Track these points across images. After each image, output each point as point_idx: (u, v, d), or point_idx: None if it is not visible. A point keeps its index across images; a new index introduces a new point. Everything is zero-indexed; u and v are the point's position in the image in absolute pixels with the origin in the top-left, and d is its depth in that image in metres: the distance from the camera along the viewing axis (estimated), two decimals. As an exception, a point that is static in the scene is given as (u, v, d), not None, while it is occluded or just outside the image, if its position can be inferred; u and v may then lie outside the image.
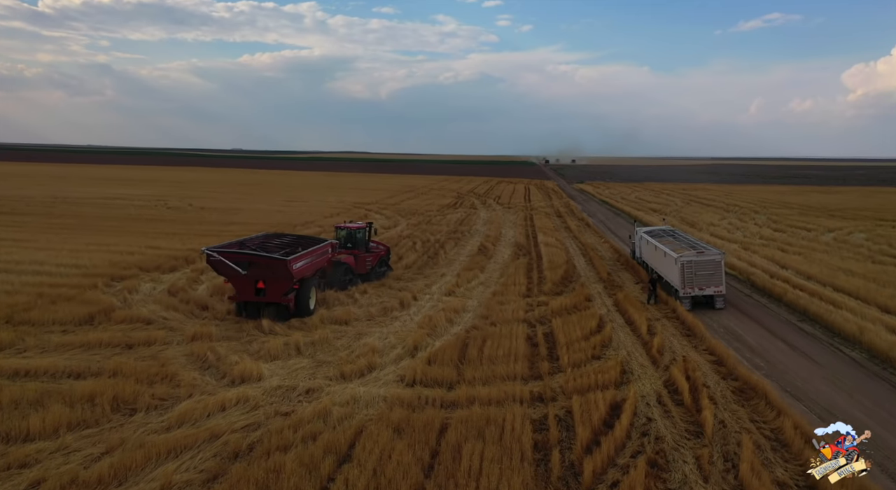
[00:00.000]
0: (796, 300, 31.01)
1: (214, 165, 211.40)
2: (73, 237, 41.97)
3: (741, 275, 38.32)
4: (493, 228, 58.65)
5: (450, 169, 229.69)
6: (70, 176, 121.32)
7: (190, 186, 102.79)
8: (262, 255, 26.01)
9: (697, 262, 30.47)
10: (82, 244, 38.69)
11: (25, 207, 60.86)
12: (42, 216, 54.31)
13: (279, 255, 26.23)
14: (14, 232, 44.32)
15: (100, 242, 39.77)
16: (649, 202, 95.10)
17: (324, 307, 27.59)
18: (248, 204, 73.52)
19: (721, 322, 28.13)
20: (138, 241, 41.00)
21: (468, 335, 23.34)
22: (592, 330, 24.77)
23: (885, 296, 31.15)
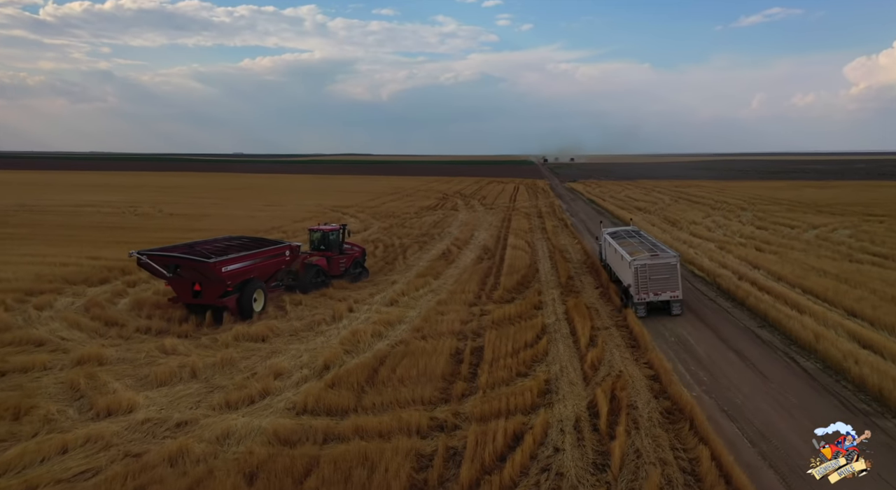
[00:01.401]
0: (757, 304, 29.23)
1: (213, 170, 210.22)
2: (13, 248, 40.44)
3: (709, 276, 36.55)
4: (466, 231, 56.95)
5: (445, 170, 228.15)
6: (55, 183, 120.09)
7: (171, 192, 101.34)
8: (187, 258, 26.07)
9: (652, 265, 28.72)
10: (17, 255, 37.15)
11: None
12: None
13: (202, 258, 25.95)
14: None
15: (38, 253, 38.21)
16: (637, 200, 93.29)
17: (270, 316, 25.97)
18: (223, 210, 72.00)
19: (675, 330, 26.37)
20: (82, 250, 39.44)
21: (390, 352, 21.64)
22: (528, 342, 23.06)
23: (853, 298, 29.39)
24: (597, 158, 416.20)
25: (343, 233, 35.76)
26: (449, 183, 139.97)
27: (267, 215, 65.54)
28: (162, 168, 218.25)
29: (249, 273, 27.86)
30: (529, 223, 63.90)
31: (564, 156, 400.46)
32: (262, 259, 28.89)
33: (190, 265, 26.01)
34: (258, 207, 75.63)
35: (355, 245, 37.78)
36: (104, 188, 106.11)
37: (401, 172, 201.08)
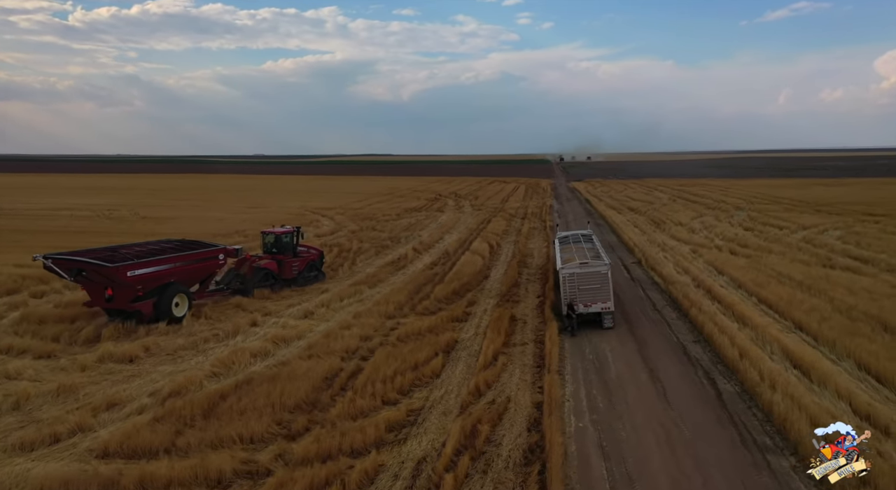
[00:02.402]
0: (698, 316, 26.87)
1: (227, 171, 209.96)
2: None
3: (665, 283, 34.09)
4: (437, 234, 54.91)
5: (456, 170, 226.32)
6: (52, 186, 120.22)
7: (161, 194, 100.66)
8: (89, 262, 25.87)
9: (581, 274, 26.50)
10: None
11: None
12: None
13: (105, 262, 25.79)
14: None
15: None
16: (633, 200, 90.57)
17: (159, 332, 24.27)
18: (200, 212, 70.71)
19: (598, 346, 24.13)
20: (14, 257, 38.20)
21: (258, 375, 19.70)
22: (419, 363, 21.02)
23: (805, 308, 26.99)
24: (614, 157, 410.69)
25: (297, 236, 35.27)
26: (451, 183, 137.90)
27: (241, 218, 64.11)
28: (177, 170, 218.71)
29: (168, 277, 27.57)
30: (508, 225, 61.69)
31: (581, 154, 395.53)
32: (185, 263, 28.73)
33: (93, 269, 25.81)
34: (239, 209, 74.33)
35: (312, 248, 37.11)
36: (96, 191, 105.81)
37: (412, 172, 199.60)
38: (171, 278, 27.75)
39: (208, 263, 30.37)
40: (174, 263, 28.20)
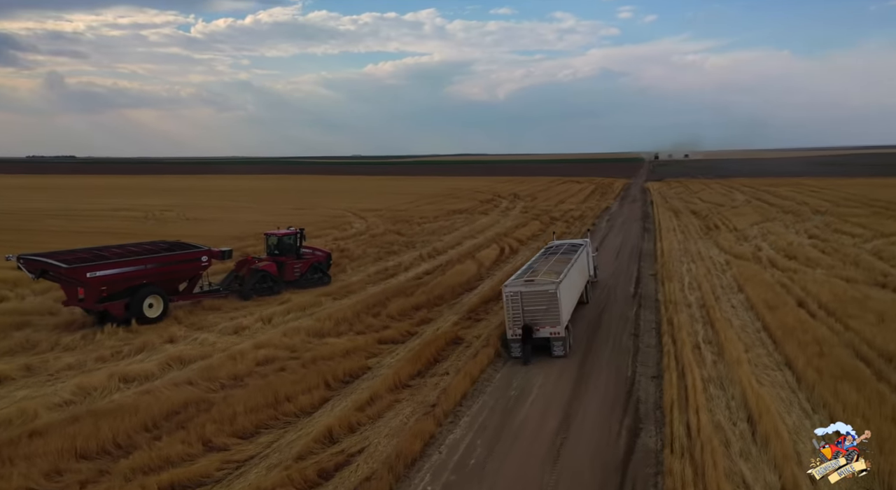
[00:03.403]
0: (669, 346, 22.81)
1: (320, 173, 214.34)
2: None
3: (665, 302, 29.72)
4: (458, 238, 52.04)
5: (536, 169, 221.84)
6: (134, 187, 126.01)
7: (224, 195, 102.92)
8: (49, 263, 26.15)
9: (526, 293, 23.04)
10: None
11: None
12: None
13: (62, 263, 26.01)
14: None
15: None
16: (703, 202, 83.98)
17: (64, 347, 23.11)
18: (244, 214, 70.81)
19: (528, 380, 20.73)
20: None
21: (101, 408, 17.72)
22: (292, 396, 18.46)
23: (806, 339, 22.55)
24: (715, 154, 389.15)
25: (299, 238, 35.06)
26: (520, 183, 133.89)
27: (277, 220, 63.13)
28: (274, 171, 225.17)
29: (139, 279, 27.50)
30: (541, 229, 57.80)
31: (679, 152, 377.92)
32: (159, 265, 28.62)
33: (54, 270, 26.14)
34: (284, 211, 73.97)
35: (318, 250, 36.88)
36: (170, 191, 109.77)
37: (496, 172, 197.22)
38: (143, 280, 27.57)
39: (188, 265, 30.17)
40: (145, 265, 28.11)
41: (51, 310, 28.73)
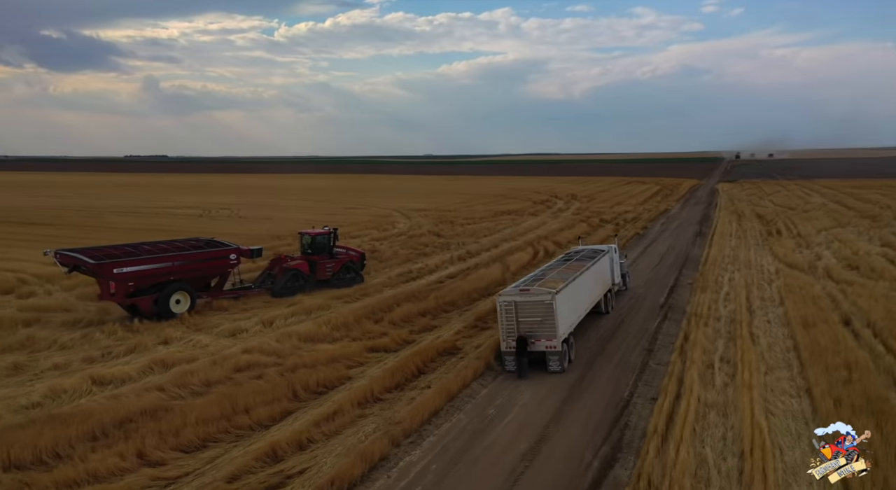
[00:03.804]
0: (676, 364, 20.80)
1: (387, 172, 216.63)
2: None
3: (690, 314, 27.44)
4: (496, 241, 50.49)
5: (604, 169, 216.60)
6: (206, 185, 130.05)
7: (283, 193, 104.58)
8: (80, 258, 27.04)
9: (521, 303, 21.57)
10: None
11: (32, 216, 64.02)
12: (33, 226, 56.41)
13: (91, 259, 26.81)
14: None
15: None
16: (773, 205, 79.27)
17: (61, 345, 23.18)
18: (296, 213, 71.12)
19: (512, 398, 19.34)
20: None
21: (64, 412, 17.42)
22: (251, 407, 17.67)
23: (836, 362, 20.37)
24: (803, 154, 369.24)
25: (333, 237, 35.16)
26: (583, 183, 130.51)
27: (326, 219, 63.15)
28: (346, 170, 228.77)
29: (165, 275, 28.12)
30: (588, 232, 55.49)
31: (762, 151, 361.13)
32: (186, 262, 29.11)
33: (84, 265, 27.01)
34: (336, 210, 74.42)
35: (351, 249, 36.84)
36: (231, 190, 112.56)
37: (564, 172, 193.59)
38: (170, 276, 28.24)
39: (216, 263, 30.70)
40: (172, 262, 28.66)
41: (67, 306, 29.16)
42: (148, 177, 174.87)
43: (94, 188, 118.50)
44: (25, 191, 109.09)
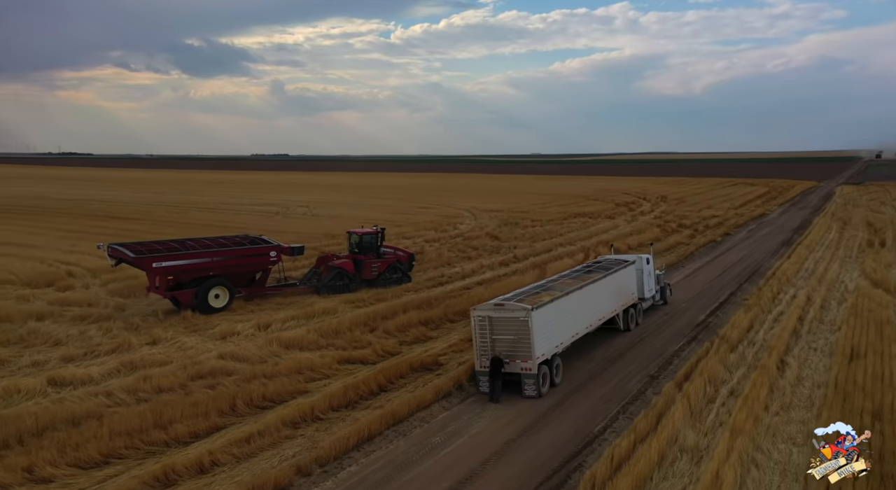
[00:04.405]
0: (670, 395, 18.07)
1: (488, 171, 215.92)
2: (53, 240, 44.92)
3: (725, 338, 24.14)
4: (551, 245, 47.86)
5: (717, 169, 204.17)
6: (300, 183, 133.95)
7: (367, 191, 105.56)
8: (124, 252, 28.18)
9: (496, 319, 19.57)
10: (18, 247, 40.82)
11: (123, 210, 67.32)
12: (118, 220, 59.34)
13: (134, 254, 27.88)
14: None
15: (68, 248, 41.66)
16: (883, 210, 70.66)
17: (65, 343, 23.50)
18: (369, 211, 70.91)
19: (469, 424, 17.34)
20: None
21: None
22: (169, 422, 16.76)
23: (857, 410, 16.50)
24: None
25: (380, 237, 35.12)
26: (679, 185, 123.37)
27: (394, 217, 63.12)
28: (447, 169, 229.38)
29: (204, 271, 28.83)
30: (658, 237, 51.60)
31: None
32: (225, 258, 29.75)
33: (126, 259, 28.26)
34: (408, 209, 74.12)
35: (399, 249, 36.91)
36: (320, 188, 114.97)
37: (667, 173, 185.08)
38: (209, 272, 28.99)
39: (255, 260, 31.18)
40: (211, 258, 29.44)
41: (92, 301, 29.88)
42: (263, 174, 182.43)
43: (199, 184, 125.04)
44: (135, 186, 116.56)
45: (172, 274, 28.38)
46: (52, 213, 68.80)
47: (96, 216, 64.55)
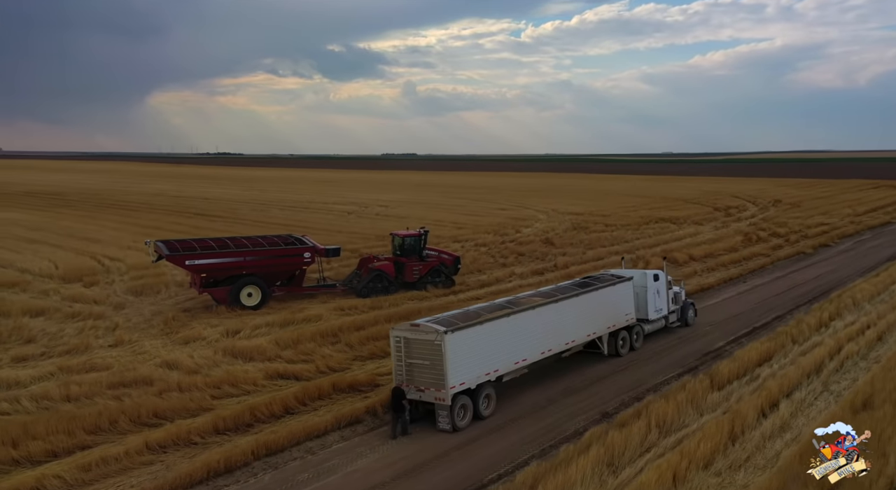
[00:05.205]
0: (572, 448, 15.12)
1: (603, 171, 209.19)
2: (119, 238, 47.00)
3: (717, 374, 20.40)
4: (605, 252, 44.18)
5: (869, 169, 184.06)
6: (396, 182, 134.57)
7: (454, 192, 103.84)
8: (162, 251, 29.20)
9: (411, 340, 17.41)
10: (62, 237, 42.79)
11: (210, 208, 69.83)
12: (199, 217, 61.68)
13: (170, 251, 28.87)
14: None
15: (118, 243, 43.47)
16: None
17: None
18: (438, 212, 69.85)
19: (343, 464, 15.45)
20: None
21: None
22: (29, 437, 16.01)
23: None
24: None
25: (423, 239, 34.61)
26: (809, 187, 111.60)
27: (465, 219, 61.59)
28: (561, 169, 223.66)
29: (237, 269, 29.47)
30: (737, 246, 46.27)
31: None
32: (257, 258, 30.19)
33: (164, 257, 29.18)
34: (484, 210, 72.09)
35: (444, 252, 36.27)
36: (412, 187, 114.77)
37: (804, 173, 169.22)
38: (241, 270, 29.58)
39: (288, 260, 31.40)
40: (244, 257, 30.01)
41: (100, 298, 30.56)
42: (378, 174, 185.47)
43: (304, 183, 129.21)
44: (247, 185, 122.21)
45: (205, 272, 29.10)
46: (146, 209, 73.18)
47: (183, 213, 67.72)
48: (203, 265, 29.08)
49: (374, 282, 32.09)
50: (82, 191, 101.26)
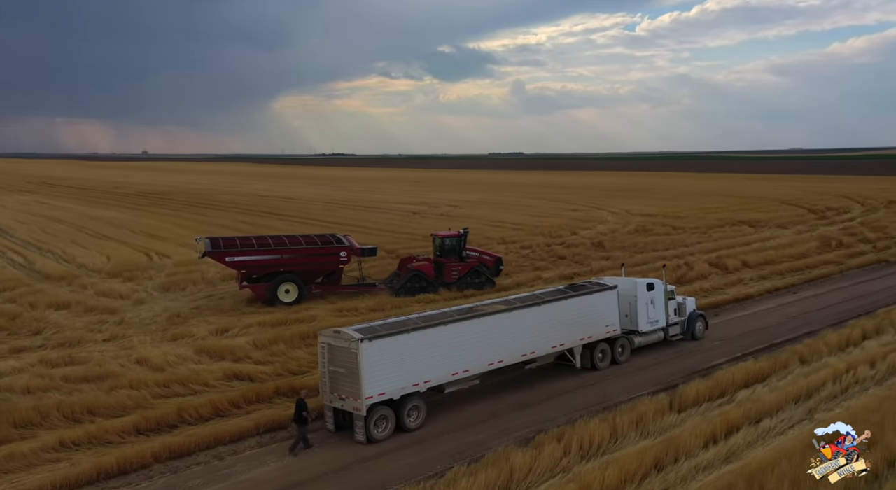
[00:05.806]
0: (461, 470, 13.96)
1: (710, 169, 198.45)
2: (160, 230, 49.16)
3: (686, 394, 18.39)
4: (654, 257, 41.45)
5: None
6: (477, 182, 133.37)
7: (530, 191, 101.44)
8: (208, 248, 30.37)
9: (334, 347, 16.82)
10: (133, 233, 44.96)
11: (279, 206, 71.66)
12: (268, 216, 63.55)
13: (213, 249, 30.20)
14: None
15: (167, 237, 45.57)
16: None
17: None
18: (505, 213, 68.44)
19: (240, 473, 15.07)
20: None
21: None
22: None
23: None
24: None
25: (463, 240, 34.55)
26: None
27: (532, 220, 60.14)
28: (674, 167, 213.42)
29: (275, 267, 30.40)
30: (808, 252, 42.19)
31: None
32: (293, 256, 30.93)
33: (207, 252, 30.36)
34: (556, 210, 70.09)
35: (485, 253, 36.04)
36: (490, 186, 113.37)
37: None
38: (279, 268, 30.44)
39: (325, 259, 31.89)
40: (281, 255, 30.77)
41: (126, 293, 31.97)
42: (474, 173, 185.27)
43: (390, 183, 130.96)
44: (338, 185, 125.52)
45: (245, 268, 30.08)
46: (227, 207, 76.57)
47: (256, 212, 70.26)
48: (242, 262, 30.05)
49: (411, 282, 32.20)
50: (185, 191, 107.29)
